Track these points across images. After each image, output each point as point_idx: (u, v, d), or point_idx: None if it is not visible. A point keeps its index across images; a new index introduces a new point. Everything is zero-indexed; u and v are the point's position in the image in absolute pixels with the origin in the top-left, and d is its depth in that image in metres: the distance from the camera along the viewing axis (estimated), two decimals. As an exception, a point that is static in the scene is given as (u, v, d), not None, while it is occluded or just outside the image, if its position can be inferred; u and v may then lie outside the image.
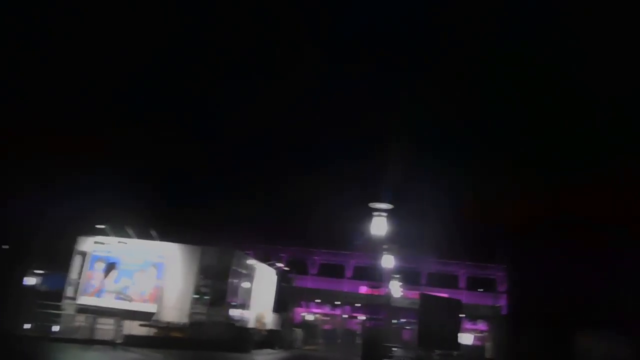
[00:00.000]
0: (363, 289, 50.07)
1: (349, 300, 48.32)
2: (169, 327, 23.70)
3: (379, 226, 18.36)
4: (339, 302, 48.80)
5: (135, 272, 26.31)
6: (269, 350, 27.35)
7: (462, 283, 53.88)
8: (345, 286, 51.29)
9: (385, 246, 19.32)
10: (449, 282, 52.18)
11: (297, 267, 47.23)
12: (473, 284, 53.13)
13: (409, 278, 45.39)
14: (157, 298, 25.47)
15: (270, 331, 30.77)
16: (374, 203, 18.46)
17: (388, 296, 24.03)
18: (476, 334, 50.92)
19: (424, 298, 18.03)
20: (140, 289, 26.01)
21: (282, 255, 48.25)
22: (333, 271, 53.56)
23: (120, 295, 25.88)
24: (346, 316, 51.56)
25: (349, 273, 53.73)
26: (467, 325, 52.58)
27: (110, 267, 24.87)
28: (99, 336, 20.70)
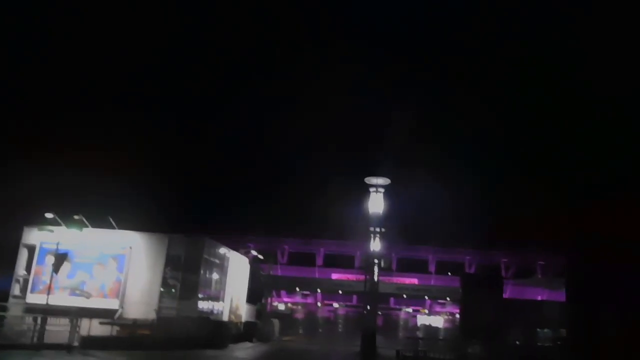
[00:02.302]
0: (335, 276, 48.88)
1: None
2: (134, 325, 21.15)
3: (376, 203, 16.72)
4: (318, 290, 47.30)
5: (93, 265, 23.61)
6: (247, 344, 25.38)
7: (431, 267, 53.65)
8: (316, 274, 50.02)
9: (378, 229, 17.61)
10: (419, 267, 51.83)
11: (266, 256, 45.40)
12: (441, 269, 53.03)
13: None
14: (119, 293, 22.94)
15: (247, 323, 28.78)
16: (370, 178, 16.77)
17: (375, 282, 22.50)
18: (445, 317, 51.08)
19: (466, 279, 16.05)
20: (99, 283, 23.40)
21: (249, 244, 46.15)
22: (303, 260, 52.06)
23: (77, 291, 23.19)
24: (319, 304, 50.29)
25: (319, 261, 52.36)
26: (437, 308, 52.77)
27: (62, 259, 21.78)
28: (50, 339, 17.85)
